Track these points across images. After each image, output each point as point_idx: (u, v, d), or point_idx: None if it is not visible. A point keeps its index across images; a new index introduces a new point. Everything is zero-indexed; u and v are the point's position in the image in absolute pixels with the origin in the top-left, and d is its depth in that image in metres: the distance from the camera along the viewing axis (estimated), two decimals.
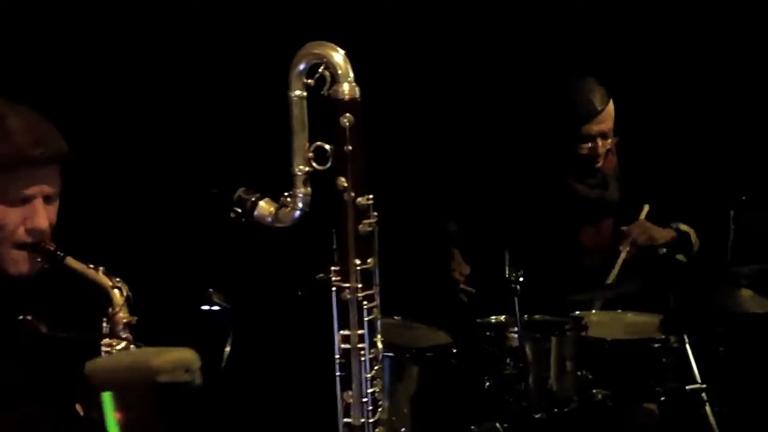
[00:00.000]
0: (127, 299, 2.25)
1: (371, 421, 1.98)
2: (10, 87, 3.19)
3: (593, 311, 4.02)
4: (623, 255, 4.15)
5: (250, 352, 3.75)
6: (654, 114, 4.68)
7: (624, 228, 4.17)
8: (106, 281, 2.24)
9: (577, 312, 3.89)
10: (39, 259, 2.27)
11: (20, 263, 2.29)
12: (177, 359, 1.44)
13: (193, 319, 2.02)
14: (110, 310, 2.23)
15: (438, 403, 3.64)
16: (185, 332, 2.38)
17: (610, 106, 4.08)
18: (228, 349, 1.85)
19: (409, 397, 3.63)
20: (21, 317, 1.99)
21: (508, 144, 4.44)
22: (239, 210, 2.00)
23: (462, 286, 4.20)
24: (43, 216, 2.28)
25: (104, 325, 2.24)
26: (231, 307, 1.96)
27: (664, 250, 4.14)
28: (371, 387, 1.97)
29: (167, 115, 3.92)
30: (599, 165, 4.14)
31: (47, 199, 2.31)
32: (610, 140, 4.10)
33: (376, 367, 1.98)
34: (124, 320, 2.24)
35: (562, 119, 4.09)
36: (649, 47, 4.76)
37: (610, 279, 4.14)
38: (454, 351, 3.71)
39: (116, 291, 2.24)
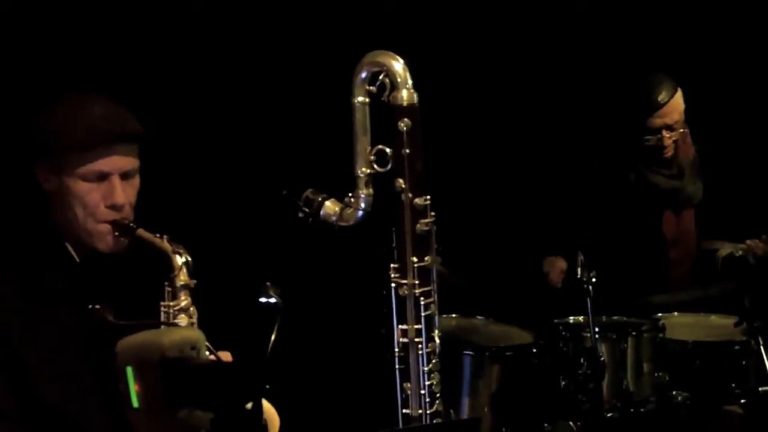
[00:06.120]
0: (187, 264, 2.44)
1: (429, 412, 2.07)
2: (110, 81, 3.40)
3: (675, 313, 4.03)
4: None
5: (313, 346, 3.90)
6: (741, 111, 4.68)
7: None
8: (168, 247, 2.43)
9: (660, 314, 3.90)
10: (117, 233, 2.46)
11: (106, 237, 2.48)
12: (184, 337, 1.61)
13: (249, 309, 2.15)
14: (171, 273, 2.43)
15: (517, 401, 3.68)
16: (242, 320, 2.52)
17: (677, 98, 4.10)
18: (273, 337, 1.96)
19: (489, 395, 3.68)
20: (91, 306, 2.14)
21: (579, 143, 4.48)
22: (307, 209, 2.12)
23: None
24: (120, 192, 2.47)
25: (167, 289, 2.44)
26: (283, 301, 2.07)
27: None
28: (429, 380, 2.07)
29: (246, 123, 4.07)
30: (669, 155, 4.16)
31: (124, 177, 2.50)
32: (676, 131, 4.12)
33: (433, 361, 2.07)
34: (182, 282, 2.43)
35: (628, 112, 4.15)
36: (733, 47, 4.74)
37: None
38: (534, 351, 3.76)
39: (176, 256, 2.43)
